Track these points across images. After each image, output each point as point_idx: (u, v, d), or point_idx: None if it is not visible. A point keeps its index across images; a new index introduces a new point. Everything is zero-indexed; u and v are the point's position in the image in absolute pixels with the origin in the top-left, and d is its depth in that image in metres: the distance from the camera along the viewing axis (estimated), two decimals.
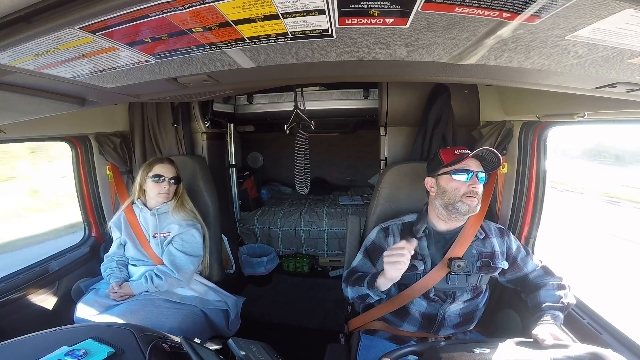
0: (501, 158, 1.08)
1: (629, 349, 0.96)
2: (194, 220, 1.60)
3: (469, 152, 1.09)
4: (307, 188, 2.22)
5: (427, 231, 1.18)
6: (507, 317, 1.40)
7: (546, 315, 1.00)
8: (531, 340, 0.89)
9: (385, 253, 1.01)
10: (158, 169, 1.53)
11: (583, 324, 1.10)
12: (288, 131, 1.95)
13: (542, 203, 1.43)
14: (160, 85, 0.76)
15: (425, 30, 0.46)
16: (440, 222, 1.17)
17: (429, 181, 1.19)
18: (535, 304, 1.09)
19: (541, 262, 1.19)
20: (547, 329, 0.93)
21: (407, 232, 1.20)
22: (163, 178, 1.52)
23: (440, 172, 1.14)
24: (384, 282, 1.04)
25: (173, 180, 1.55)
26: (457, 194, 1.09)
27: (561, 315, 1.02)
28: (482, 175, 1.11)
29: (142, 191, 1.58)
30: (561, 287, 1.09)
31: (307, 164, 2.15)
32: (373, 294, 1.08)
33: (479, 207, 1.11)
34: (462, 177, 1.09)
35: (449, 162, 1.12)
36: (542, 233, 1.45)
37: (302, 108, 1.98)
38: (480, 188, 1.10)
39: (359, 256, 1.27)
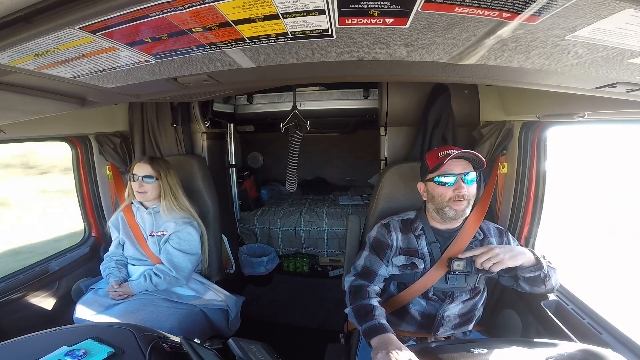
0: (482, 158, 1.06)
1: (629, 349, 0.96)
2: (190, 218, 1.59)
3: (454, 151, 1.06)
4: (296, 186, 2.26)
5: (424, 229, 1.18)
6: (507, 317, 1.40)
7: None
8: (528, 340, 0.89)
9: (380, 356, 0.85)
10: (135, 168, 1.52)
11: (583, 323, 1.10)
12: (283, 130, 1.95)
13: (542, 203, 1.43)
14: (160, 85, 0.76)
15: (425, 30, 0.46)
16: (436, 223, 1.18)
17: (421, 186, 1.20)
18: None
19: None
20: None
21: (407, 229, 1.20)
22: (137, 176, 1.51)
23: (427, 177, 1.14)
24: (372, 346, 0.93)
25: (146, 179, 1.50)
26: (444, 199, 1.09)
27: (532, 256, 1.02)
28: (472, 176, 1.08)
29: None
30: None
31: (296, 163, 2.18)
32: (361, 331, 1.01)
33: (468, 210, 1.10)
34: (446, 182, 1.08)
35: (433, 167, 1.10)
36: None
37: (299, 108, 1.98)
38: (468, 190, 1.07)
39: (365, 252, 1.22)
